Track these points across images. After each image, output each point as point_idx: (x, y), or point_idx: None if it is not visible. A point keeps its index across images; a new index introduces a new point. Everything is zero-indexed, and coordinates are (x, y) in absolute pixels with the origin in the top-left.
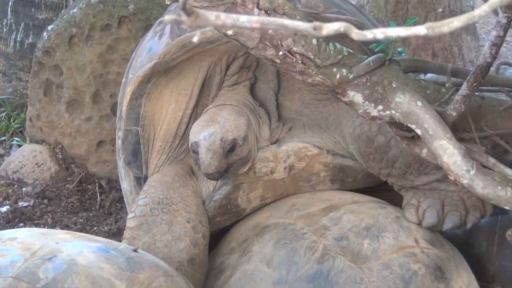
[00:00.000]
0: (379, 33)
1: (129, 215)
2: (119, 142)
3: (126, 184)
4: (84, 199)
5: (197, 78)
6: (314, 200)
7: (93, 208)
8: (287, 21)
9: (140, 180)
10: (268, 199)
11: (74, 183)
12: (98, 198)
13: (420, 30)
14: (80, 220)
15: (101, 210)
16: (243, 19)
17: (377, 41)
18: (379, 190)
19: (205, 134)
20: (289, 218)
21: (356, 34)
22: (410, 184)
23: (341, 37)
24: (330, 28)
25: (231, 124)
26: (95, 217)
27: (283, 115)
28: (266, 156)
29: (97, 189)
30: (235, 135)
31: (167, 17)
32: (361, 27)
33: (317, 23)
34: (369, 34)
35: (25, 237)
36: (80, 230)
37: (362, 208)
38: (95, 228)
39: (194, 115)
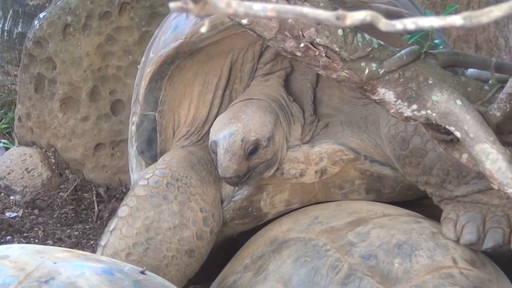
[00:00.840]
0: (410, 23)
1: (141, 181)
2: (133, 127)
3: (136, 176)
4: (80, 209)
5: (226, 59)
6: (340, 212)
7: (89, 219)
8: (306, 9)
9: None
10: (295, 204)
11: (69, 191)
12: (96, 208)
13: (456, 20)
14: (75, 233)
15: (98, 222)
16: (257, 7)
17: (410, 33)
18: (418, 205)
19: (225, 133)
20: (310, 232)
21: (384, 24)
22: (449, 195)
23: (373, 29)
24: (355, 17)
25: (255, 123)
26: (92, 229)
27: (319, 111)
28: (297, 157)
29: (94, 198)
30: (258, 135)
31: (172, 5)
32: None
33: (340, 12)
34: (399, 25)
35: (18, 255)
36: (75, 244)
37: (393, 222)
38: (92, 242)
39: (227, 98)
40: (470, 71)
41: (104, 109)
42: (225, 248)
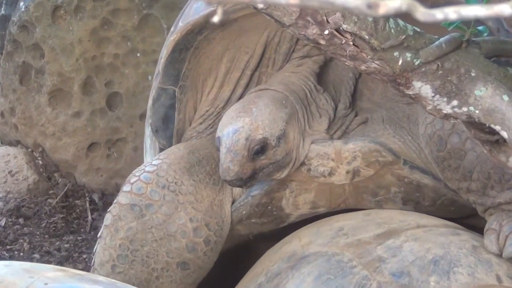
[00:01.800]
0: (452, 12)
1: (125, 186)
2: (149, 102)
3: (149, 159)
4: (71, 218)
5: (262, 36)
6: (368, 222)
7: (82, 230)
8: None
9: None
10: (321, 208)
11: (58, 198)
12: (89, 217)
13: (505, 9)
14: (66, 246)
15: (92, 233)
16: None
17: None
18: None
19: (229, 130)
20: (334, 246)
21: (422, 13)
22: (492, 202)
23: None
24: (389, 5)
25: (264, 119)
26: (84, 241)
27: (359, 105)
28: (327, 152)
29: (87, 205)
30: (266, 133)
31: None
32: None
33: (372, 0)
34: (439, 14)
35: (4, 274)
36: (66, 259)
37: (429, 234)
38: (84, 256)
39: (255, 80)
40: None
41: (99, 103)
42: (241, 252)
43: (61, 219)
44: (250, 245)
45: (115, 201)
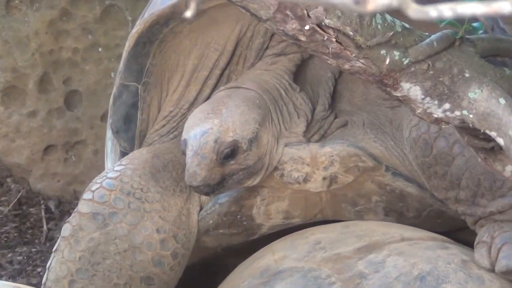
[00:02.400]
0: (447, 9)
1: (86, 194)
2: (110, 100)
3: (110, 164)
4: (25, 228)
5: (233, 31)
6: (347, 235)
7: (36, 240)
8: None
9: None
10: (295, 218)
11: (11, 206)
12: (44, 227)
13: (504, 6)
14: (18, 258)
15: (48, 244)
16: None
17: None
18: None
19: (197, 132)
20: (310, 261)
21: (414, 10)
22: (482, 211)
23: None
24: (377, 2)
25: (235, 120)
26: (39, 253)
27: (339, 107)
28: (301, 156)
29: (43, 213)
30: (237, 135)
31: None
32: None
33: None
34: (432, 11)
35: None
36: (18, 272)
37: (414, 248)
38: (39, 270)
39: (224, 80)
40: None
41: (57, 102)
42: (208, 267)
43: (13, 228)
44: (218, 259)
45: (74, 210)
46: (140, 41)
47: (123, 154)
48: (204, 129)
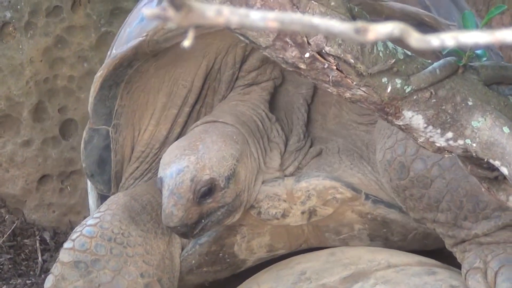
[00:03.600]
0: (449, 38)
1: (66, 243)
2: (82, 145)
3: (91, 201)
4: (19, 260)
5: (200, 66)
6: (333, 264)
7: (31, 272)
8: (317, 20)
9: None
10: (280, 250)
11: (5, 237)
12: (39, 259)
13: (507, 35)
14: None
15: (42, 276)
16: (255, 15)
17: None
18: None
19: (172, 170)
20: None
21: (416, 40)
22: (466, 234)
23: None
24: (379, 31)
25: (211, 157)
26: (34, 285)
27: (312, 132)
28: (277, 193)
29: (37, 245)
30: (214, 173)
31: (147, 11)
32: (434, 26)
33: (360, 24)
34: (434, 40)
35: None
36: None
37: (401, 275)
38: None
39: (194, 116)
40: None
41: (52, 131)
42: None
43: (8, 260)
44: None
45: (56, 260)
46: (105, 84)
47: (101, 195)
48: (180, 167)
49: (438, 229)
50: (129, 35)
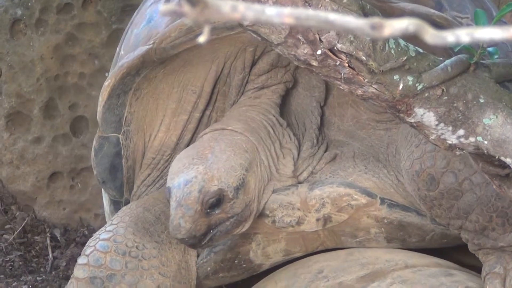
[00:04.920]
0: (464, 35)
1: (81, 259)
2: (92, 153)
3: (105, 203)
4: (30, 257)
5: (210, 71)
6: (350, 263)
7: (42, 269)
8: (332, 16)
9: (119, 206)
10: (296, 253)
11: (16, 233)
12: (50, 255)
13: None
14: (24, 287)
15: (53, 273)
16: (270, 11)
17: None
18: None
19: (180, 181)
20: None
21: (431, 36)
22: (492, 244)
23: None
24: (394, 27)
25: (219, 167)
26: (45, 282)
27: (328, 135)
28: (291, 202)
29: (48, 242)
30: (222, 184)
31: (162, 8)
32: (446, 27)
33: (376, 20)
34: (450, 37)
35: None
36: None
37: (418, 276)
38: None
39: (205, 121)
40: None
41: (62, 129)
42: None
43: (18, 257)
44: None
45: (72, 276)
46: (113, 93)
47: (114, 201)
48: (188, 178)
49: (464, 235)
50: (136, 38)
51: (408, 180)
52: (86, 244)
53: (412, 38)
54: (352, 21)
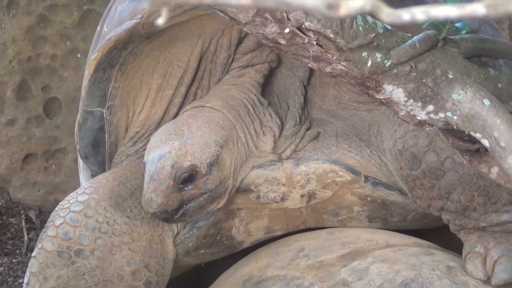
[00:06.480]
0: (420, 12)
1: (49, 230)
2: (76, 127)
3: (83, 180)
4: (5, 239)
5: (196, 46)
6: (331, 242)
7: (17, 251)
8: None
9: None
10: (277, 231)
11: None
12: (25, 237)
13: (478, 9)
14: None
15: (29, 254)
16: None
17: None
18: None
19: (155, 156)
20: (294, 269)
21: (387, 14)
22: (474, 224)
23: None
24: (350, 6)
25: (194, 143)
26: (20, 264)
27: (311, 114)
28: (276, 177)
29: (23, 223)
30: (195, 159)
31: None
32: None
33: (332, 0)
34: (405, 15)
35: None
36: (0, 283)
37: (399, 254)
38: (20, 281)
39: (191, 97)
40: (501, 62)
41: (36, 110)
42: (192, 274)
43: None
44: (200, 269)
45: (39, 245)
46: (99, 67)
47: (94, 176)
48: (162, 153)
49: (445, 216)
50: (121, 14)
51: (391, 159)
52: (57, 209)
53: None
54: (307, 1)
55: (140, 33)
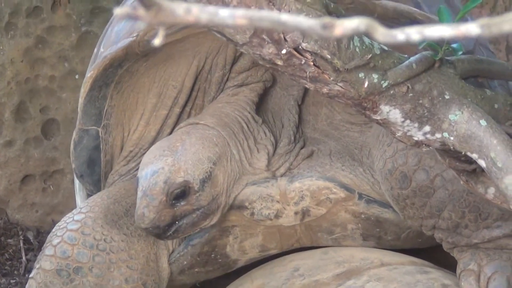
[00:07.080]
0: (415, 32)
1: (47, 249)
2: (71, 146)
3: (79, 201)
4: (3, 259)
5: (191, 66)
6: (326, 261)
7: (15, 272)
8: (285, 16)
9: None
10: (272, 250)
11: None
12: (23, 258)
13: (472, 29)
14: None
15: (27, 275)
16: (224, 13)
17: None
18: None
19: (148, 171)
20: None
21: (382, 34)
22: (466, 242)
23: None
24: (345, 26)
25: (187, 159)
26: (18, 284)
27: (305, 133)
28: (270, 194)
29: (21, 244)
30: (188, 176)
31: (117, 11)
32: (426, 23)
33: (326, 20)
34: (400, 35)
35: None
36: None
37: (393, 273)
38: None
39: (184, 117)
40: (497, 83)
41: (34, 131)
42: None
43: None
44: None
45: (37, 265)
46: (95, 85)
47: (90, 196)
48: (155, 169)
49: (438, 235)
50: (117, 34)
51: (382, 179)
52: (54, 229)
53: None
54: (303, 21)
55: (136, 51)
